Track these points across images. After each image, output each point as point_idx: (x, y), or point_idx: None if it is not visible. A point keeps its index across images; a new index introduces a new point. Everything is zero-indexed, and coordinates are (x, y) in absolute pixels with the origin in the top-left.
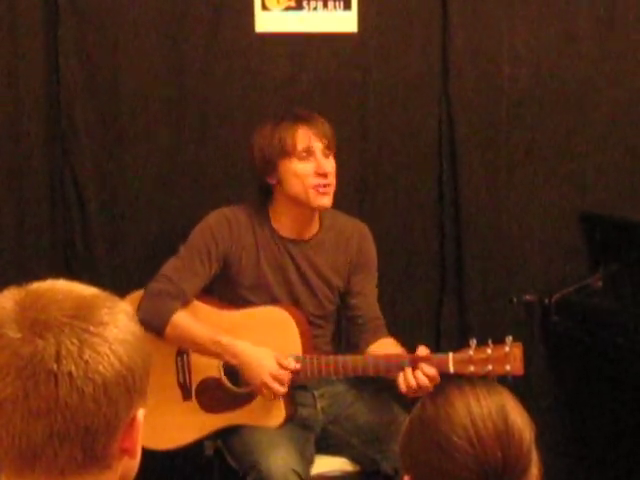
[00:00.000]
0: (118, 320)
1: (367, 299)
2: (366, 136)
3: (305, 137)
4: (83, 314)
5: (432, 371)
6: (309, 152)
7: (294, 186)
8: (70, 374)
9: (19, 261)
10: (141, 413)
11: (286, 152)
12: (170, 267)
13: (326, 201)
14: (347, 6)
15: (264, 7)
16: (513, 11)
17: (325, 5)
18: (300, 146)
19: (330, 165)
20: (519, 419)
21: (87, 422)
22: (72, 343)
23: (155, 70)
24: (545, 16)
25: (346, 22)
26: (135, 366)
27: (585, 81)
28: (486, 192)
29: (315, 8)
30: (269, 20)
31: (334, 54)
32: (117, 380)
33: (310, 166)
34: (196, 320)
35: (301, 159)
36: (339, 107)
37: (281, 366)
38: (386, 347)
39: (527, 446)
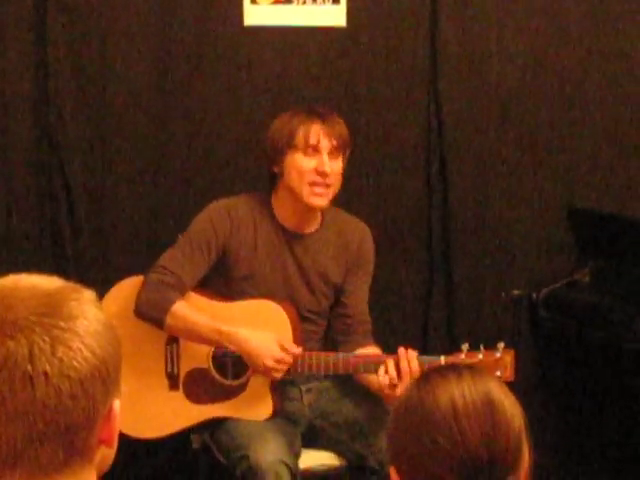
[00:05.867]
0: (86, 311)
1: (358, 300)
2: (354, 131)
3: (315, 134)
4: (51, 310)
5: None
6: (316, 149)
7: (293, 179)
8: (45, 374)
9: (7, 254)
10: (117, 403)
11: (294, 145)
12: (169, 257)
13: (319, 202)
14: (336, 0)
15: (253, 1)
16: (503, 6)
17: None
18: (309, 142)
19: (335, 166)
20: (507, 409)
21: (66, 420)
22: (44, 341)
23: (144, 63)
24: (534, 12)
25: (335, 16)
26: (108, 356)
27: (575, 77)
28: (474, 188)
29: (304, 2)
30: (258, 13)
31: (323, 48)
32: (92, 373)
33: (313, 163)
34: (195, 309)
35: (306, 154)
36: (328, 101)
37: (283, 349)
38: None
39: (516, 438)
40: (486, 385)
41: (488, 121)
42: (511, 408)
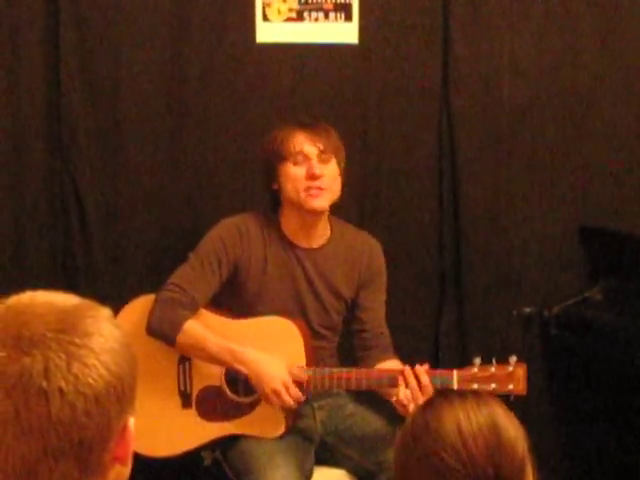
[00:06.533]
0: (102, 329)
1: (375, 314)
2: (366, 147)
3: (300, 142)
4: (68, 327)
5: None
6: (304, 156)
7: (290, 190)
8: (60, 390)
9: (18, 271)
10: (132, 421)
11: (282, 156)
12: (180, 275)
13: (317, 203)
14: (348, 17)
15: (265, 18)
16: (514, 23)
17: (326, 16)
18: (294, 150)
19: (326, 169)
20: (511, 431)
21: (81, 436)
22: (59, 358)
23: (156, 79)
24: (546, 28)
25: (347, 33)
26: (123, 374)
27: (586, 94)
28: (486, 204)
29: (316, 19)
30: (270, 31)
31: (335, 65)
32: (107, 390)
33: (303, 170)
34: (206, 328)
35: (296, 163)
36: (340, 118)
37: (292, 375)
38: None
39: (520, 459)
40: (491, 409)
41: (500, 138)
42: (515, 431)
